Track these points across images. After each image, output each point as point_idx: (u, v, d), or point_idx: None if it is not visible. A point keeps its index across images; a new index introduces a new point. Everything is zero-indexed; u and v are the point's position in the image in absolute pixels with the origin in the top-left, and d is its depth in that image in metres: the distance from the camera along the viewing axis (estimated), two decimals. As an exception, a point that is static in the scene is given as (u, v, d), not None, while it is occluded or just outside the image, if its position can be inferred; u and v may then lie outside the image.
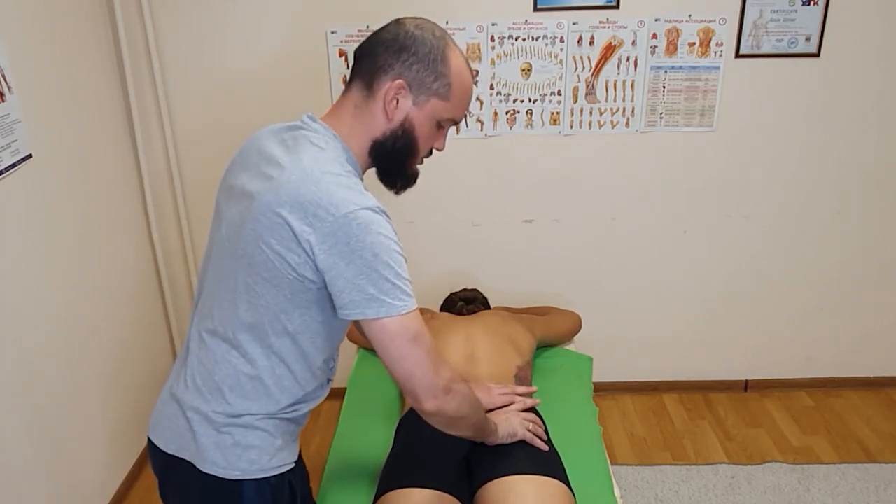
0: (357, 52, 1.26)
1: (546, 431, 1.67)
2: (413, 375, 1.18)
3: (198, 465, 1.21)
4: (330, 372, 1.32)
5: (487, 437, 1.51)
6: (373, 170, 1.28)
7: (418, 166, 1.31)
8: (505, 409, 1.64)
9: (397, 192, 1.31)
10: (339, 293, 1.13)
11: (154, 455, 1.30)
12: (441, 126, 1.27)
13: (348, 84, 1.26)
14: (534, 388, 1.83)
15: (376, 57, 1.21)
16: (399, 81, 1.20)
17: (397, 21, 1.24)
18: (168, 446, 1.25)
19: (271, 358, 1.20)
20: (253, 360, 1.19)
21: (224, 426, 1.20)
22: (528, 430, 1.59)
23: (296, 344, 1.20)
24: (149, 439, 1.31)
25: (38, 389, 1.93)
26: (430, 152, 1.31)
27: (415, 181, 1.32)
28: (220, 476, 1.21)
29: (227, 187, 1.26)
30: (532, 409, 1.72)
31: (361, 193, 1.14)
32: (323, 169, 1.14)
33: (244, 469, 1.21)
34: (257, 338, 1.18)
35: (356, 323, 1.18)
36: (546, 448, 1.58)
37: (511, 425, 1.57)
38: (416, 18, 1.25)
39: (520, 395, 1.73)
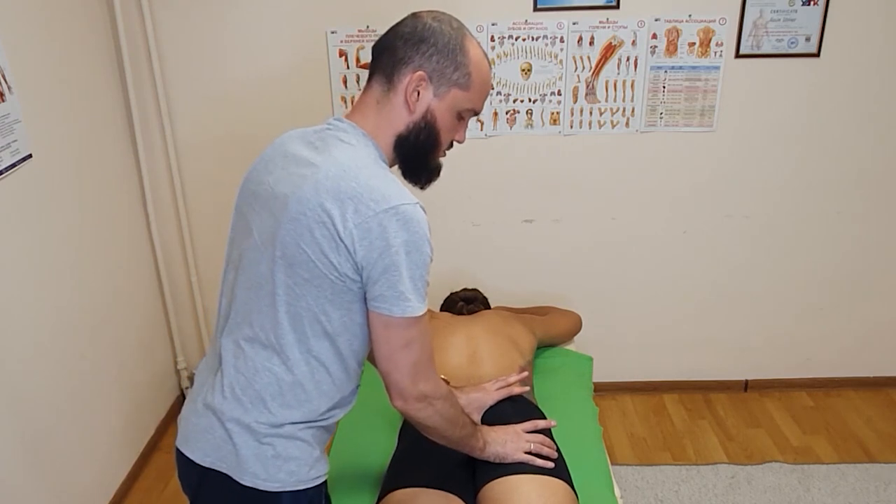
0: (375, 48, 1.26)
1: (557, 447, 1.62)
2: (390, 374, 1.22)
3: (236, 478, 1.19)
4: (359, 377, 1.31)
5: (471, 452, 1.48)
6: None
7: (441, 159, 1.32)
8: (510, 427, 1.59)
9: (423, 187, 1.32)
10: (371, 286, 1.14)
11: (186, 468, 1.25)
12: (461, 117, 1.28)
13: (368, 80, 1.26)
14: (525, 374, 1.82)
15: (395, 50, 1.22)
16: (420, 73, 1.20)
17: (414, 14, 1.25)
18: (204, 459, 1.22)
19: (311, 362, 1.19)
20: (293, 366, 1.18)
21: (266, 437, 1.18)
22: (529, 452, 1.54)
23: (334, 346, 1.19)
24: (179, 452, 1.26)
25: (38, 390, 1.93)
26: (451, 145, 1.31)
27: (438, 174, 1.33)
28: (260, 488, 1.19)
29: (251, 193, 1.25)
30: (546, 430, 1.67)
31: (401, 188, 1.15)
32: (359, 164, 1.15)
33: (284, 481, 1.20)
34: (297, 341, 1.17)
35: None
36: (549, 465, 1.54)
37: (504, 448, 1.52)
38: (432, 11, 1.25)
39: (511, 382, 1.76)
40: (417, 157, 1.27)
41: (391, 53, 1.22)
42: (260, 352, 1.19)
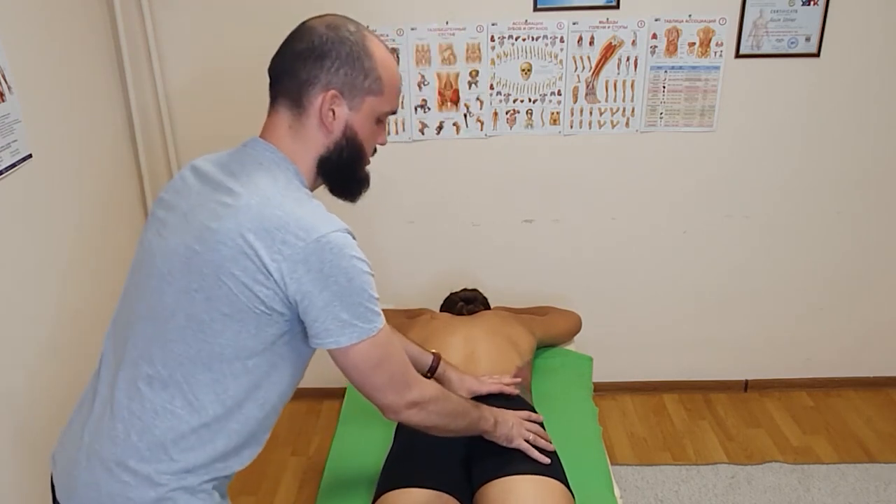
0: (272, 71, 1.18)
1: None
2: (373, 397, 1.19)
3: None
4: (276, 418, 1.22)
5: (482, 434, 1.49)
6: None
7: (367, 168, 1.26)
8: (513, 412, 1.61)
9: (354, 201, 1.26)
10: (312, 322, 1.09)
11: None
12: (380, 121, 1.21)
13: (272, 104, 1.19)
14: (518, 379, 1.82)
15: (296, 72, 1.14)
16: (332, 91, 1.13)
17: (306, 26, 1.17)
18: None
19: (225, 403, 1.10)
20: (201, 408, 1.09)
21: (169, 490, 1.08)
22: (528, 441, 1.56)
23: (252, 382, 1.12)
24: None
25: (37, 390, 1.93)
26: (375, 150, 1.25)
27: (368, 184, 1.26)
28: None
29: (158, 221, 1.17)
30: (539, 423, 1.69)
31: (327, 216, 1.09)
32: (283, 192, 1.09)
33: None
34: (213, 381, 1.09)
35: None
36: (547, 461, 1.55)
37: (511, 430, 1.54)
38: (324, 17, 1.18)
39: (506, 384, 1.76)
40: (344, 173, 1.20)
41: (292, 76, 1.14)
42: (160, 392, 1.08)
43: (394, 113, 1.23)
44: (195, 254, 1.07)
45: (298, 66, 1.14)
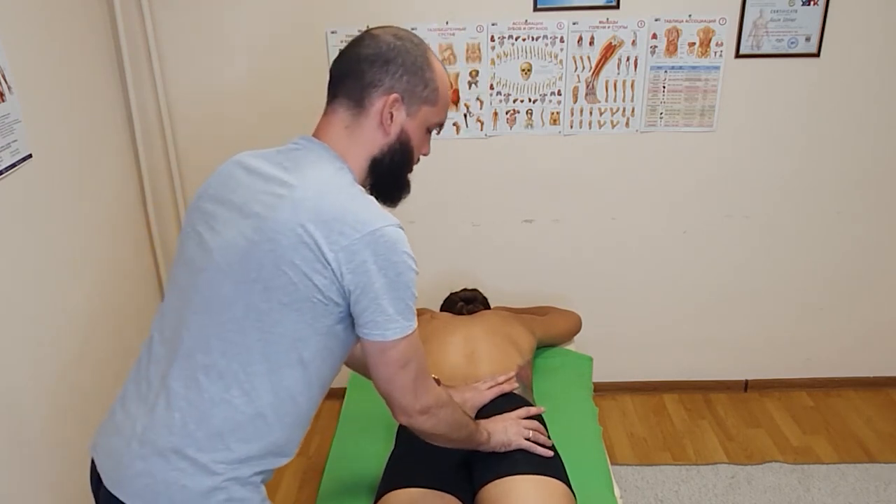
0: (336, 71, 1.23)
1: (548, 436, 1.65)
2: (391, 395, 1.20)
3: None
4: (308, 425, 1.25)
5: (477, 447, 1.50)
6: None
7: (409, 176, 1.31)
8: (506, 415, 1.62)
9: (394, 205, 1.31)
10: (360, 312, 1.12)
11: None
12: (428, 131, 1.28)
13: (330, 104, 1.24)
14: (512, 374, 1.82)
15: (361, 74, 1.19)
16: (394, 95, 1.19)
17: (371, 34, 1.23)
18: None
19: (279, 393, 1.13)
20: (258, 396, 1.12)
21: (224, 480, 1.11)
22: (528, 439, 1.57)
23: (306, 374, 1.15)
24: (113, 498, 1.15)
25: (37, 391, 1.93)
26: (418, 159, 1.31)
27: (409, 191, 1.32)
28: None
29: (207, 213, 1.20)
30: (537, 417, 1.70)
31: (381, 210, 1.13)
32: (337, 186, 1.14)
33: None
34: (269, 371, 1.12)
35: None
36: (550, 454, 1.57)
37: (506, 435, 1.54)
38: (387, 28, 1.23)
39: (500, 383, 1.77)
40: (392, 177, 1.26)
41: (356, 77, 1.20)
42: (217, 382, 1.11)
43: (441, 125, 1.29)
44: (253, 244, 1.10)
45: (364, 68, 1.19)
